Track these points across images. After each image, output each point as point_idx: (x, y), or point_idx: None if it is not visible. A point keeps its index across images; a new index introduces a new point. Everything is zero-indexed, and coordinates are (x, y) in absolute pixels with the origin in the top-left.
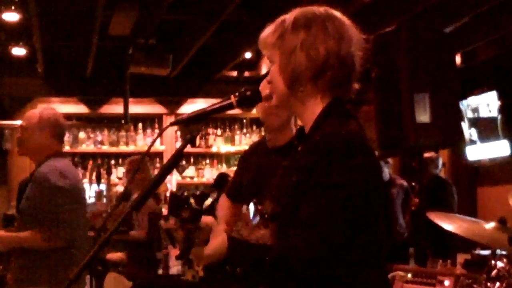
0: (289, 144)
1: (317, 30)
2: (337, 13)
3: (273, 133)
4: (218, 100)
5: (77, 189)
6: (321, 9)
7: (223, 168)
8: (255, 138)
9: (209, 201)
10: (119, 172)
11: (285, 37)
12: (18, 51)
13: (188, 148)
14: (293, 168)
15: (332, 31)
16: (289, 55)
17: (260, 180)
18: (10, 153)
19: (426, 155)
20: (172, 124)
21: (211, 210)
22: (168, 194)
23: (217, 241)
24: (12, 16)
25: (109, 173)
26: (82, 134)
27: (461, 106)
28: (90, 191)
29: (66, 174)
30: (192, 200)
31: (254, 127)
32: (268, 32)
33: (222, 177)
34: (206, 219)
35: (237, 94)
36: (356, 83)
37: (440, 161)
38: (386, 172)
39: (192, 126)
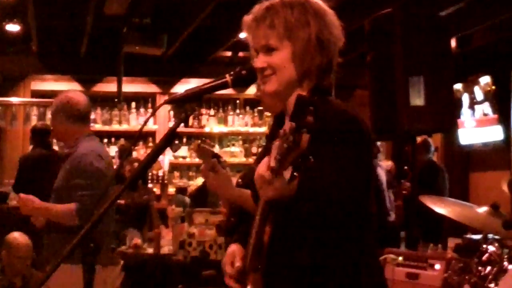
0: None
1: (329, 21)
2: None
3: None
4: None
5: (110, 170)
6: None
7: (216, 149)
8: (248, 119)
9: (200, 181)
10: (111, 151)
11: (298, 26)
12: (13, 27)
13: (181, 128)
14: None
15: (338, 25)
16: (305, 46)
17: None
18: (3, 130)
19: (419, 139)
20: (166, 102)
21: (202, 191)
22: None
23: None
24: None
25: None
26: None
27: (455, 91)
28: None
29: (102, 156)
30: None
31: (248, 108)
32: (268, 22)
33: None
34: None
35: (232, 73)
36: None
37: (432, 146)
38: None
39: (186, 105)
